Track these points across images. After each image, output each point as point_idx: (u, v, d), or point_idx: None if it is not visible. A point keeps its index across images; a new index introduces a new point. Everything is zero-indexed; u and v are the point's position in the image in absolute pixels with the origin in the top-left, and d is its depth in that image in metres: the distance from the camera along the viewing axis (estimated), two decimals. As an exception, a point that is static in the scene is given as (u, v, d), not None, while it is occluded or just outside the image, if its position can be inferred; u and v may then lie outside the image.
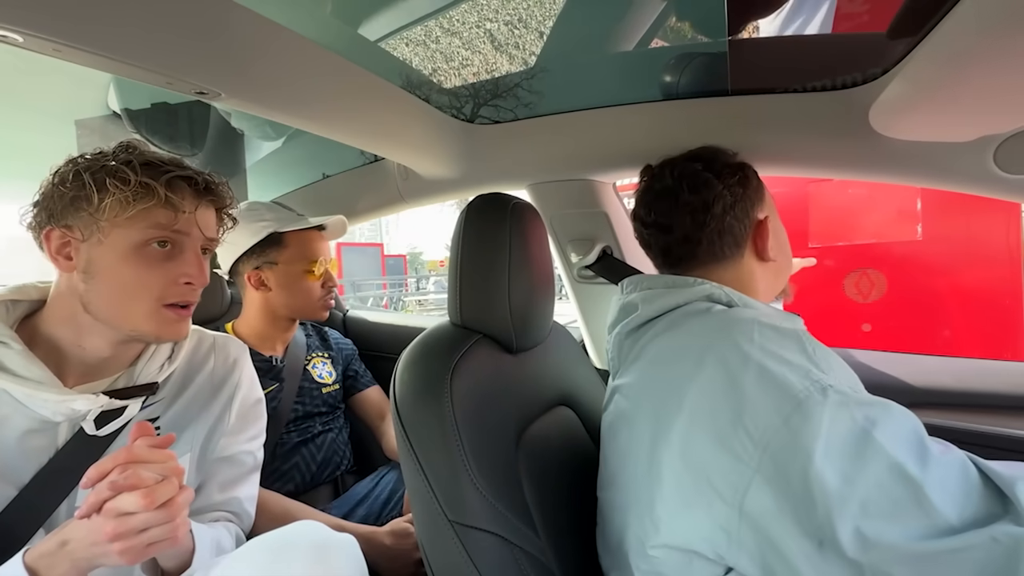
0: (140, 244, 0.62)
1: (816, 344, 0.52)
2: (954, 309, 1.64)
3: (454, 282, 0.74)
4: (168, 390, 0.73)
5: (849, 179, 0.96)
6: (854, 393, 0.47)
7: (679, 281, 0.66)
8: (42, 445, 0.61)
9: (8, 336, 0.60)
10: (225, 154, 1.54)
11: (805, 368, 0.48)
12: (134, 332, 0.64)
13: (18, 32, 0.50)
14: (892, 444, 0.43)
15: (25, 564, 0.50)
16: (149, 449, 0.52)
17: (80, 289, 0.63)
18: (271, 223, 1.11)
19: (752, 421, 0.47)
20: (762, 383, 0.48)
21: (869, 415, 0.45)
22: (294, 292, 1.13)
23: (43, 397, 0.59)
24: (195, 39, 0.61)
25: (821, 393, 0.46)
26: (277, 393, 1.11)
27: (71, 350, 0.64)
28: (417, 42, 0.98)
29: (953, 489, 0.42)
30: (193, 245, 0.67)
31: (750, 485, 0.46)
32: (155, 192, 0.61)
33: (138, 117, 1.25)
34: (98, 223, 0.60)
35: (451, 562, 0.60)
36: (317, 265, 1.14)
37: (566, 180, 1.12)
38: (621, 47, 0.94)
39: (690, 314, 0.60)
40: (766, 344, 0.51)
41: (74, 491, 0.62)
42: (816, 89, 0.81)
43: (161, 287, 0.64)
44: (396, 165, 1.29)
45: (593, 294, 1.25)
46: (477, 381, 0.67)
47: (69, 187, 0.60)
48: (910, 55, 0.64)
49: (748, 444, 0.47)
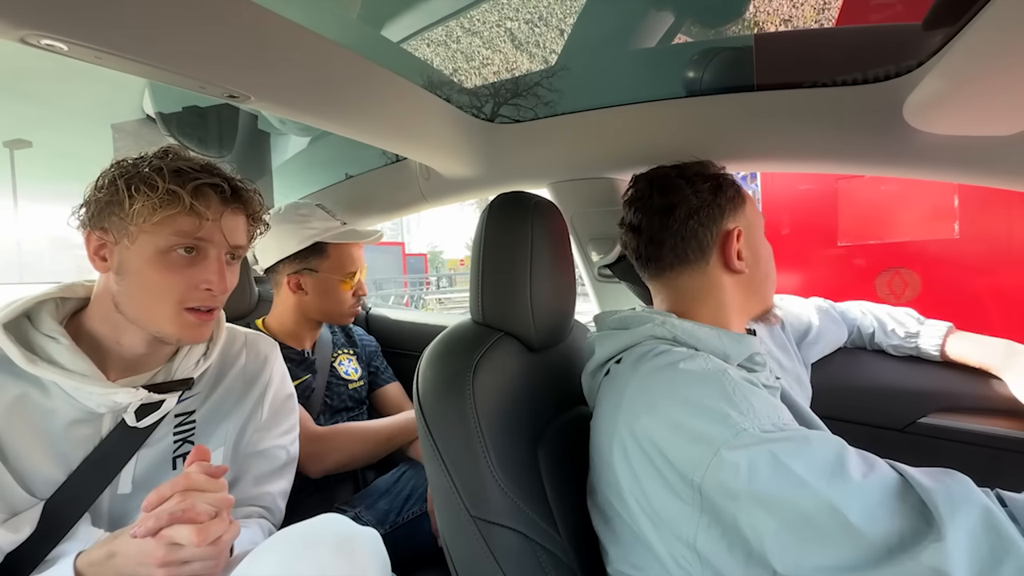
0: (165, 249, 0.64)
1: (737, 384, 0.52)
2: (994, 310, 1.57)
3: (476, 280, 0.74)
4: (203, 385, 0.75)
5: (882, 175, 0.93)
6: (774, 430, 0.48)
7: (629, 320, 0.68)
8: (88, 434, 0.64)
9: (57, 332, 0.63)
10: (252, 156, 1.58)
11: (723, 413, 0.49)
12: (158, 333, 0.67)
13: (63, 41, 0.53)
14: (812, 475, 0.44)
15: (75, 569, 0.53)
16: (205, 478, 0.55)
17: (113, 290, 0.66)
18: (318, 232, 1.14)
19: (676, 477, 0.50)
20: (681, 435, 0.50)
21: (786, 450, 0.46)
22: (328, 299, 1.16)
23: (88, 390, 0.62)
24: (226, 44, 0.63)
25: (736, 437, 0.47)
26: (310, 383, 1.14)
27: (111, 346, 0.67)
28: (438, 42, 0.99)
29: (877, 511, 0.42)
30: (217, 252, 0.68)
31: (698, 527, 0.49)
32: (181, 199, 0.63)
33: (171, 120, 1.30)
34: (128, 227, 0.63)
35: (473, 557, 0.61)
36: (355, 277, 1.17)
37: (587, 179, 1.12)
38: (643, 44, 0.93)
39: (635, 357, 0.62)
40: (686, 393, 0.53)
41: (116, 478, 0.65)
42: (847, 83, 0.79)
43: (182, 292, 0.66)
44: (418, 165, 1.30)
45: (614, 293, 1.24)
46: (498, 378, 0.67)
47: (105, 192, 0.63)
48: (947, 47, 0.62)
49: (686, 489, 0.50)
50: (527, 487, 0.63)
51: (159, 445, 0.69)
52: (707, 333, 0.63)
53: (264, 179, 1.66)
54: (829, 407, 0.77)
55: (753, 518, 0.45)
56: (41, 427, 0.62)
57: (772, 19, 0.86)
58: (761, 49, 0.83)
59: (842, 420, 0.99)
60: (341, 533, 0.58)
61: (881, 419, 1.00)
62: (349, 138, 0.92)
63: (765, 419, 0.49)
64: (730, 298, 0.69)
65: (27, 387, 0.61)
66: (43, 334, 0.63)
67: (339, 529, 0.59)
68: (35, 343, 0.63)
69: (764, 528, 0.45)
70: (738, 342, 0.64)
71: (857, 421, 1.02)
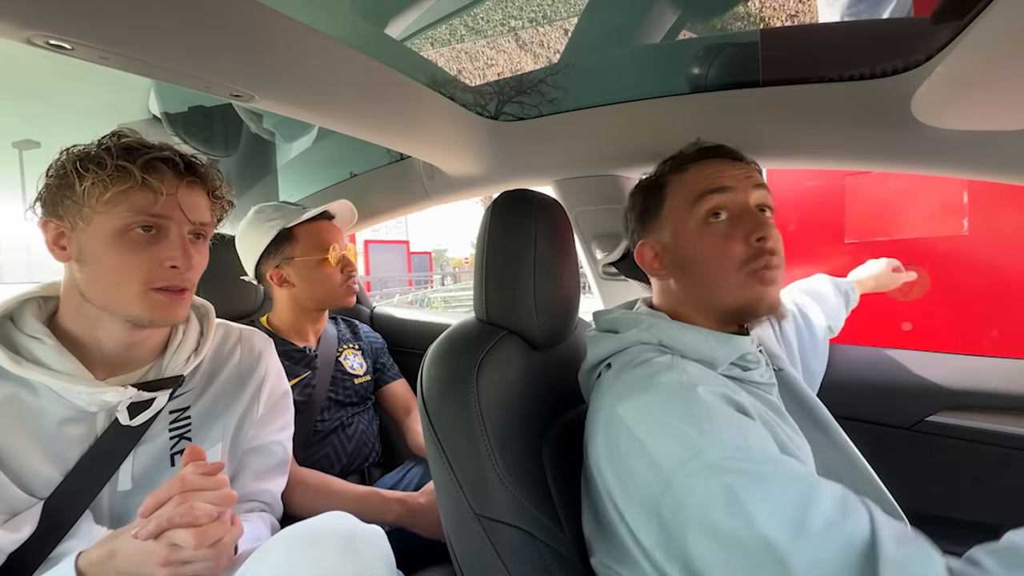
0: (122, 229, 0.62)
1: (702, 404, 0.51)
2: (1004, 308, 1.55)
3: (480, 278, 0.74)
4: (197, 381, 0.75)
5: (890, 172, 0.92)
6: (736, 455, 0.47)
7: (619, 322, 0.68)
8: (83, 433, 0.64)
9: (41, 332, 0.63)
10: (257, 156, 1.59)
11: (684, 435, 0.49)
12: (129, 317, 0.65)
13: (68, 41, 0.53)
14: (763, 514, 0.42)
15: (77, 568, 0.53)
16: (201, 478, 0.54)
17: (78, 278, 0.65)
18: (278, 220, 1.14)
19: (637, 491, 0.50)
20: (640, 456, 0.50)
21: (742, 483, 0.44)
22: (315, 283, 1.16)
23: (76, 389, 0.62)
24: (230, 44, 0.63)
25: (694, 459, 0.47)
26: (310, 380, 1.15)
27: (90, 343, 0.66)
28: (442, 41, 0.98)
29: (826, 568, 0.40)
30: (178, 229, 0.66)
31: (656, 543, 0.49)
32: (131, 174, 0.61)
33: (176, 120, 1.31)
34: (81, 210, 0.61)
35: (477, 555, 0.61)
36: (331, 252, 1.17)
37: (592, 176, 1.12)
38: (648, 40, 0.92)
39: (620, 365, 0.62)
40: (653, 411, 0.52)
41: (115, 476, 0.65)
42: (853, 78, 0.78)
43: (147, 271, 0.64)
44: (422, 163, 1.30)
45: (618, 291, 1.23)
46: (503, 377, 0.67)
47: (55, 177, 0.63)
48: (956, 40, 0.61)
49: (646, 505, 0.49)
50: (531, 485, 0.63)
51: (156, 442, 0.69)
52: (694, 336, 0.63)
53: (269, 179, 1.67)
54: (835, 405, 0.76)
55: (701, 545, 0.45)
56: (34, 427, 0.61)
57: (778, 14, 0.85)
58: (767, 44, 0.82)
59: (848, 418, 0.99)
60: (346, 531, 0.59)
61: (888, 417, 0.99)
62: (353, 137, 0.92)
63: (728, 443, 0.48)
64: (684, 298, 0.68)
65: (16, 388, 0.61)
66: (27, 335, 0.63)
67: (344, 527, 0.59)
68: (19, 344, 0.62)
69: (711, 557, 0.44)
70: (726, 344, 0.63)
71: (864, 419, 1.01)
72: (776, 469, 0.46)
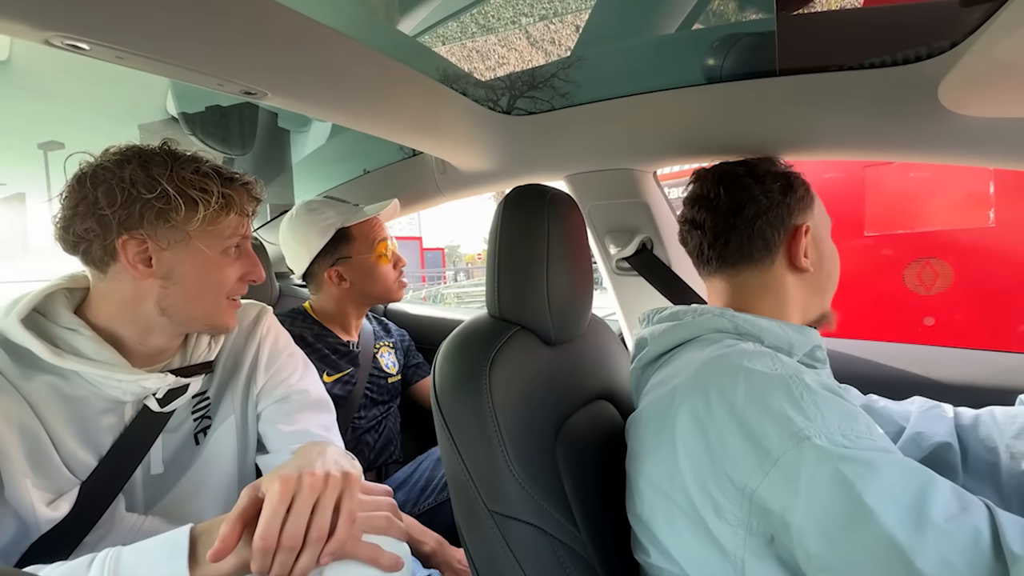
0: (224, 250, 0.69)
1: (805, 388, 0.48)
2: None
3: (492, 274, 0.74)
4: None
5: (916, 162, 0.90)
6: (846, 443, 0.44)
7: (685, 312, 0.67)
8: (113, 422, 0.66)
9: (76, 323, 0.64)
10: (272, 153, 1.60)
11: (786, 418, 0.46)
12: (211, 326, 0.71)
13: (84, 41, 0.54)
14: (880, 506, 0.40)
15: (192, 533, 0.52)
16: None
17: (157, 294, 0.66)
18: (334, 219, 1.14)
19: (733, 476, 0.47)
20: (737, 437, 0.47)
21: (856, 471, 0.41)
22: (373, 280, 1.18)
23: (117, 377, 0.63)
24: (242, 42, 0.63)
25: (798, 447, 0.44)
26: (351, 377, 1.15)
27: (133, 346, 0.68)
28: (453, 39, 0.98)
29: (956, 562, 0.37)
30: (247, 244, 0.74)
31: (746, 540, 0.47)
32: (234, 202, 0.67)
33: (193, 120, 1.32)
34: (180, 231, 0.65)
35: (490, 551, 0.61)
36: (386, 249, 1.18)
37: (605, 170, 1.10)
38: (661, 30, 0.90)
39: (696, 349, 0.60)
40: (748, 393, 0.49)
41: (146, 458, 0.68)
42: (875, 65, 0.75)
43: (231, 284, 0.71)
44: (434, 159, 1.30)
45: (632, 286, 1.22)
46: (515, 373, 0.67)
47: (144, 197, 0.62)
48: (986, 24, 0.58)
49: (735, 499, 0.47)
50: (545, 482, 0.63)
51: (181, 425, 0.72)
52: (768, 323, 0.63)
53: (284, 176, 1.69)
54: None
55: (804, 539, 0.42)
56: (72, 415, 0.63)
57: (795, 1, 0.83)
58: (784, 32, 0.80)
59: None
60: None
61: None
62: (365, 133, 0.93)
63: (835, 429, 0.44)
64: (791, 296, 0.68)
65: (53, 378, 0.63)
66: (62, 327, 0.64)
67: None
68: (55, 336, 0.63)
69: (816, 552, 0.41)
70: (800, 332, 0.63)
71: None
72: (888, 457, 0.43)
